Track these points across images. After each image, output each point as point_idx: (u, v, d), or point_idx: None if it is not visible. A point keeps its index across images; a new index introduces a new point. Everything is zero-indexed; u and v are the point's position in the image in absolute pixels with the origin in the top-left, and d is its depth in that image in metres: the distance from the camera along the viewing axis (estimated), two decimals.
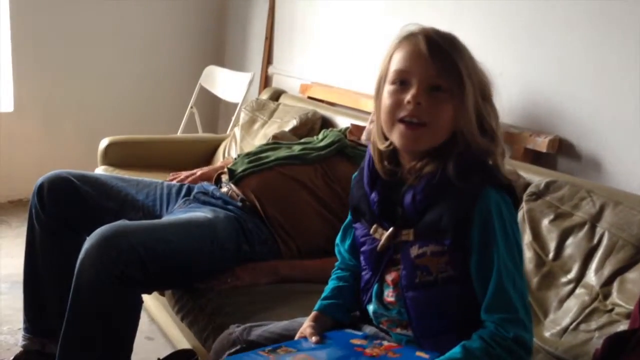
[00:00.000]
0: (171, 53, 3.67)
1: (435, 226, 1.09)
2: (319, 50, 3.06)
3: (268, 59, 3.42)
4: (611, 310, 1.41)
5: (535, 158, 1.98)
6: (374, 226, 1.18)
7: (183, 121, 3.38)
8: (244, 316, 1.52)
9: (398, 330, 1.18)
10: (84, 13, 3.37)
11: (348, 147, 1.96)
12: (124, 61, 3.55)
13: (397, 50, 1.14)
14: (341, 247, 1.32)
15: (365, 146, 1.98)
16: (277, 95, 2.94)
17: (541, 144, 1.92)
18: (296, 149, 1.97)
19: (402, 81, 1.11)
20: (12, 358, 1.87)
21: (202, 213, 1.72)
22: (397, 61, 1.12)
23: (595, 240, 1.50)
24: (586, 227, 1.53)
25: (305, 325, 1.21)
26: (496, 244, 1.05)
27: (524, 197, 1.66)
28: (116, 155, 2.69)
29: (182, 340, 1.90)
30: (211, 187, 1.90)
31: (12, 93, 3.27)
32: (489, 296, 1.06)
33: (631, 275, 1.42)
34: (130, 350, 1.51)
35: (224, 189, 1.86)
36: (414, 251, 1.11)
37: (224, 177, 1.91)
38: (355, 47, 2.83)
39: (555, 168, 1.94)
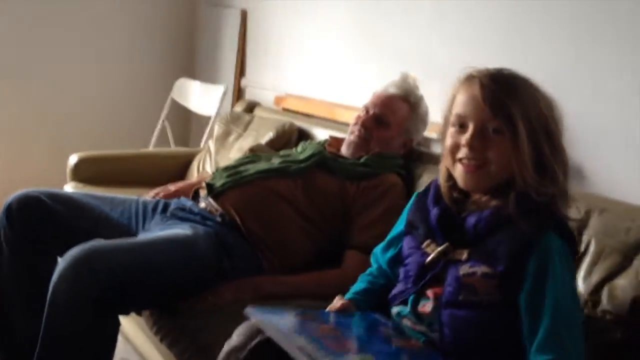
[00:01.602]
0: (141, 65, 3.60)
1: (492, 252, 1.13)
2: (293, 61, 3.04)
3: (240, 71, 3.38)
4: (602, 317, 1.40)
5: None
6: (428, 241, 1.22)
7: (154, 135, 3.31)
8: (227, 335, 1.46)
9: (418, 327, 1.19)
10: (50, 22, 3.28)
11: (328, 160, 1.93)
12: (93, 73, 3.47)
13: (458, 94, 1.22)
14: (380, 256, 1.38)
15: (345, 157, 1.96)
16: (251, 108, 2.91)
17: None
18: (276, 162, 1.94)
19: (461, 124, 1.19)
20: None
21: (180, 230, 1.68)
22: (457, 105, 1.21)
23: (582, 248, 1.49)
24: None
25: (338, 303, 1.26)
26: (552, 286, 1.08)
27: None
28: (86, 171, 2.63)
29: None
30: (189, 203, 1.86)
31: None
32: (540, 336, 1.06)
33: (620, 282, 1.40)
34: None
35: (203, 204, 1.82)
36: (464, 269, 1.14)
37: (202, 192, 1.87)
38: (329, 58, 2.81)
39: None
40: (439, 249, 1.18)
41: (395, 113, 1.99)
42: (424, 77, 2.08)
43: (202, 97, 3.26)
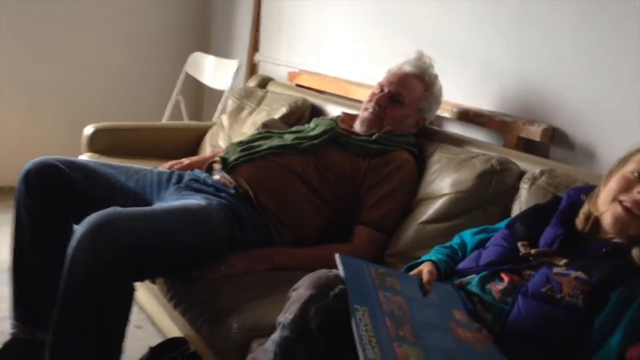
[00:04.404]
0: (156, 39, 3.62)
1: (592, 265, 1.20)
2: (306, 37, 3.04)
3: (255, 46, 3.39)
4: None
5: (529, 147, 1.98)
6: (524, 242, 1.32)
7: (168, 109, 3.34)
8: (239, 303, 1.52)
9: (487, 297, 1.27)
10: None
11: (340, 136, 1.94)
12: (109, 47, 3.49)
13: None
14: (469, 237, 1.50)
15: (358, 134, 1.98)
16: (264, 83, 2.91)
17: (534, 132, 1.93)
18: (288, 138, 1.96)
19: None
20: (0, 346, 1.84)
21: (195, 200, 1.70)
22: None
23: None
24: None
25: (426, 269, 1.31)
26: (631, 315, 1.13)
27: (520, 184, 1.67)
28: (101, 142, 2.65)
29: (173, 329, 1.88)
30: (203, 175, 1.88)
31: None
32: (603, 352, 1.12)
33: None
34: (123, 337, 1.49)
35: (216, 177, 1.84)
36: (558, 270, 1.21)
37: (216, 166, 1.89)
38: (343, 35, 2.81)
39: (548, 157, 1.95)
40: (537, 251, 1.28)
41: (410, 91, 2.00)
42: (438, 56, 2.09)
43: (216, 72, 3.28)
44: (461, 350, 1.15)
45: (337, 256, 1.19)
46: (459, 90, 2.20)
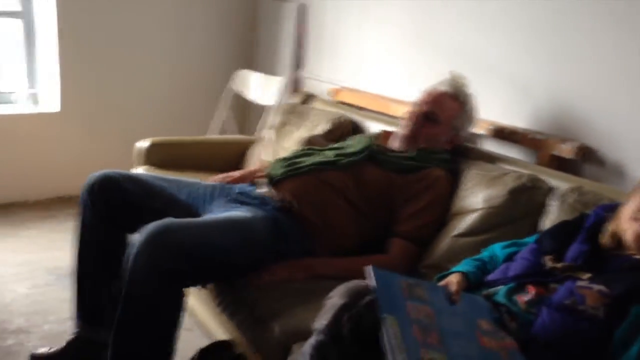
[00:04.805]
0: (205, 56, 3.79)
1: (614, 278, 1.27)
2: (348, 55, 3.15)
3: (298, 63, 3.52)
4: None
5: (561, 164, 2.05)
6: (550, 256, 1.40)
7: (215, 123, 3.49)
8: (281, 309, 1.63)
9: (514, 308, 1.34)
10: (123, 17, 3.49)
11: (377, 153, 2.04)
12: (160, 64, 3.68)
13: None
14: (499, 250, 1.57)
15: (394, 151, 2.07)
16: (307, 99, 3.02)
17: (566, 150, 1.99)
18: (329, 154, 2.06)
19: None
20: (64, 345, 2.00)
21: (241, 212, 1.83)
22: None
23: None
24: None
25: (454, 280, 1.42)
26: None
27: (550, 201, 1.74)
28: (156, 155, 2.80)
29: (221, 333, 2.00)
30: (249, 188, 2.01)
31: (59, 94, 3.41)
32: None
33: None
34: (176, 337, 1.62)
35: (262, 190, 1.97)
36: (582, 283, 1.29)
37: (261, 180, 2.02)
38: (383, 53, 2.91)
39: (580, 174, 2.00)
40: (563, 265, 1.36)
41: (444, 110, 2.09)
42: (474, 76, 2.17)
43: (261, 88, 3.41)
44: (485, 358, 1.22)
45: (368, 268, 1.28)
46: (494, 108, 2.28)
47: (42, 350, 2.02)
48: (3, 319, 2.28)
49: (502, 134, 2.21)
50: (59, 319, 2.30)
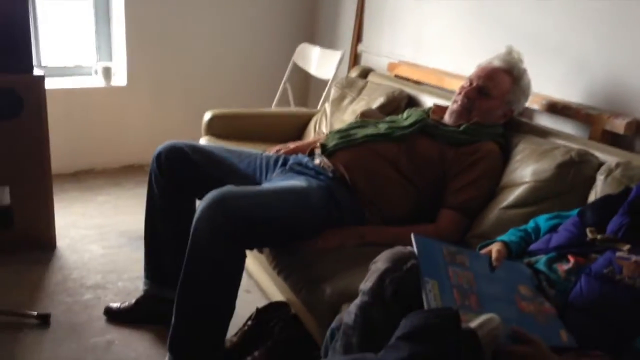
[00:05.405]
0: (268, 31, 3.90)
1: None
2: (407, 29, 3.18)
3: (358, 37, 3.57)
4: None
5: (613, 139, 2.05)
6: (592, 228, 1.44)
7: (277, 96, 3.60)
8: (332, 272, 1.73)
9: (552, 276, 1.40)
10: None
11: (430, 126, 2.09)
12: (224, 39, 3.81)
13: None
14: (543, 221, 1.63)
15: (447, 125, 2.12)
16: (365, 73, 3.08)
17: (619, 125, 1.99)
18: (382, 127, 2.14)
19: None
20: (133, 301, 2.18)
21: (297, 182, 1.93)
22: None
23: None
24: None
25: (495, 248, 1.47)
26: None
27: (597, 175, 1.77)
28: (217, 127, 2.93)
29: (277, 294, 2.14)
30: (305, 159, 2.11)
31: (125, 69, 3.60)
32: None
33: None
34: (235, 296, 1.75)
35: (317, 161, 2.06)
36: (621, 254, 1.34)
37: (317, 151, 2.11)
38: (441, 27, 2.93)
39: (632, 150, 2.00)
40: (603, 237, 1.40)
41: (498, 85, 2.11)
42: (531, 50, 2.18)
43: (321, 62, 3.49)
44: (522, 321, 1.28)
45: (412, 235, 1.36)
46: (549, 83, 2.29)
47: (115, 304, 2.22)
48: (82, 276, 2.49)
49: (556, 108, 2.22)
50: (130, 277, 2.49)
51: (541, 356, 1.18)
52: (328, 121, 2.90)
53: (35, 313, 2.15)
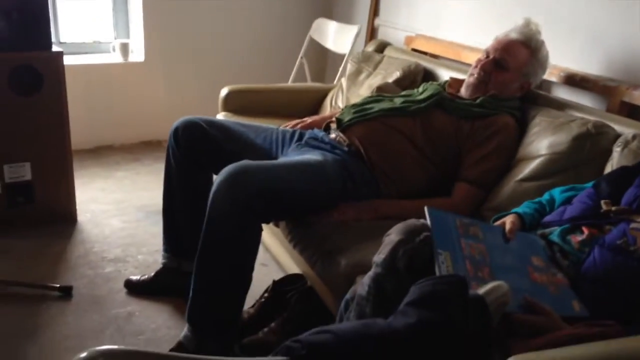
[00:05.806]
0: (285, 7, 3.89)
1: None
2: (425, 2, 3.15)
3: (375, 11, 3.55)
4: None
5: (631, 111, 2.03)
6: (607, 200, 1.44)
7: (293, 71, 3.60)
8: (347, 245, 1.75)
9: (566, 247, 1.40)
10: None
11: (446, 100, 2.09)
12: (241, 15, 3.81)
13: None
14: (558, 193, 1.62)
15: (463, 98, 2.11)
16: (382, 47, 3.06)
17: (637, 97, 1.97)
18: (397, 101, 2.13)
19: None
20: (153, 273, 2.23)
21: (313, 156, 1.94)
22: None
23: None
24: None
25: (509, 220, 1.48)
26: None
27: (613, 147, 1.76)
28: (234, 102, 2.94)
29: (292, 267, 2.17)
30: (321, 134, 2.12)
31: (142, 45, 3.62)
32: None
33: None
34: (252, 269, 1.78)
35: (332, 135, 2.07)
36: (635, 225, 1.35)
37: (333, 125, 2.12)
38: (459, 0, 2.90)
39: None
40: (617, 208, 1.40)
41: (515, 57, 2.09)
42: (548, 23, 2.15)
43: (337, 36, 3.48)
44: (535, 291, 1.30)
45: (425, 207, 1.37)
46: (567, 55, 2.26)
47: (135, 277, 2.27)
48: (103, 249, 2.54)
49: (574, 80, 2.20)
50: (149, 250, 2.54)
51: (553, 326, 1.19)
52: (344, 96, 2.89)
53: (58, 285, 2.21)
